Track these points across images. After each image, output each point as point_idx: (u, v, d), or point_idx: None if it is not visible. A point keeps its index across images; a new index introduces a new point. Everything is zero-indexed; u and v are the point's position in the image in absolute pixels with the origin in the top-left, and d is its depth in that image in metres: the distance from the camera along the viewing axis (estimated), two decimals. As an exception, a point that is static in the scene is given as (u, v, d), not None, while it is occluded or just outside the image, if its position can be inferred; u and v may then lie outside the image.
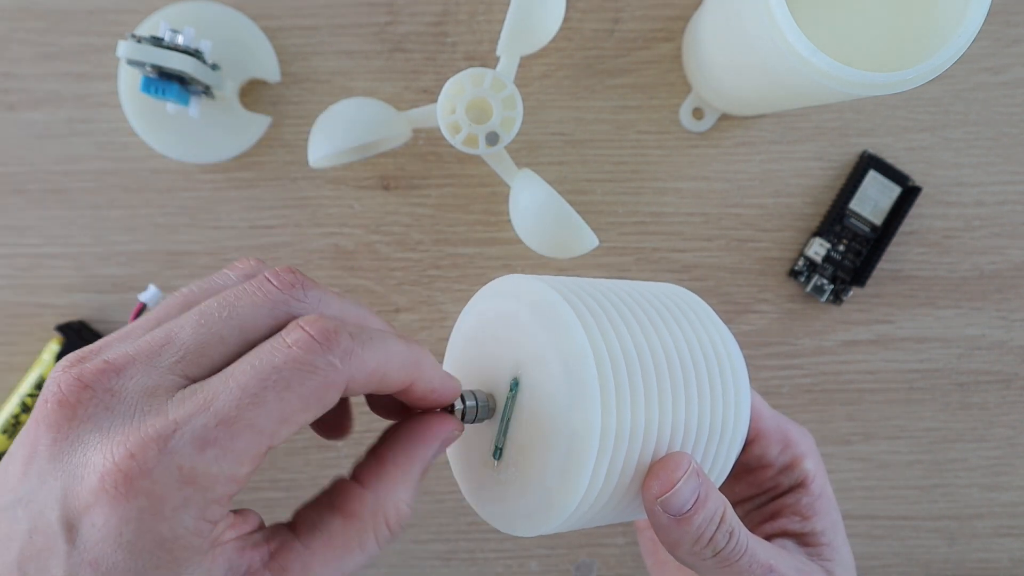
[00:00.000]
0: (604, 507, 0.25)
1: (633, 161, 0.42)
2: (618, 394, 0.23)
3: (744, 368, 0.27)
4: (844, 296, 0.42)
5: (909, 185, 0.42)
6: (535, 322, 0.24)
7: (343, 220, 0.42)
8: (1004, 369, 0.44)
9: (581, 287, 0.26)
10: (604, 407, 0.23)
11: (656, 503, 0.24)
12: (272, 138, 0.41)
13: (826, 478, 0.33)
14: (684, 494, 0.24)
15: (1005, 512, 0.45)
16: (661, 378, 0.24)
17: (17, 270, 0.41)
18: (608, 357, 0.23)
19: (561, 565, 0.44)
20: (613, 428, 0.23)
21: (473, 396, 0.25)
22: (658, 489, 0.24)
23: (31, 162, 0.41)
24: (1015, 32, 0.42)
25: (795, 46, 0.28)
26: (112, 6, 0.40)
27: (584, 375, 0.23)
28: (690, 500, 0.24)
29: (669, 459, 0.24)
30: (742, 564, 0.26)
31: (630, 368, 0.24)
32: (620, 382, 0.23)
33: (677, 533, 0.25)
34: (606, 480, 0.23)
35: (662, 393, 0.24)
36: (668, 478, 0.24)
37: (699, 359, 0.26)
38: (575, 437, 0.23)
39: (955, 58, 0.28)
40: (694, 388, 0.25)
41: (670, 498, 0.24)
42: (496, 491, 0.26)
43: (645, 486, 0.24)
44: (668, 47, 0.42)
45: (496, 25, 0.41)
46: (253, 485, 0.43)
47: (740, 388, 0.27)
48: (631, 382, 0.23)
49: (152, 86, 0.37)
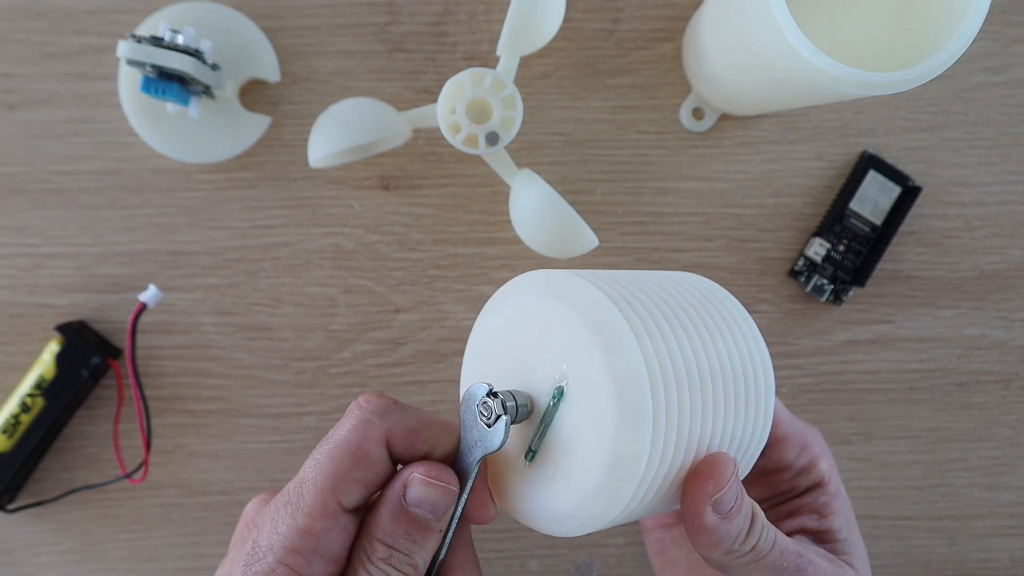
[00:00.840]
0: (636, 511, 0.25)
1: (633, 161, 0.42)
2: (667, 415, 0.23)
3: (773, 377, 0.27)
4: (844, 296, 0.42)
5: (909, 185, 0.42)
6: (588, 335, 0.23)
7: (343, 220, 0.42)
8: (1004, 369, 0.44)
9: (627, 288, 0.25)
10: (654, 436, 0.22)
11: (707, 503, 0.24)
12: (272, 138, 0.41)
13: (839, 476, 0.34)
14: (733, 492, 0.24)
15: (1005, 512, 0.45)
16: (705, 392, 0.24)
17: (17, 270, 0.41)
18: (660, 378, 0.23)
19: (561, 565, 0.44)
20: (659, 452, 0.23)
21: (512, 397, 0.24)
22: (712, 488, 0.24)
23: (31, 162, 0.41)
24: (1015, 32, 0.42)
25: (795, 46, 0.28)
26: (112, 6, 0.40)
27: (639, 405, 0.22)
28: (734, 499, 0.25)
29: (717, 460, 0.25)
30: (773, 555, 0.27)
31: (679, 385, 0.23)
32: (670, 402, 0.23)
33: (722, 531, 0.25)
34: (646, 491, 0.23)
35: (705, 407, 0.24)
36: (720, 478, 0.24)
37: (738, 372, 0.25)
38: (621, 462, 0.22)
39: (955, 58, 0.28)
40: (732, 400, 0.25)
41: (722, 497, 0.24)
42: (522, 488, 0.25)
43: (697, 487, 0.24)
44: (668, 47, 0.42)
45: (496, 25, 0.41)
46: (253, 485, 0.43)
47: (769, 396, 0.27)
48: (679, 400, 0.23)
49: (152, 86, 0.37)
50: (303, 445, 0.43)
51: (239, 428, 0.43)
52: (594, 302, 0.23)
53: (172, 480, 0.43)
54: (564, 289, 0.24)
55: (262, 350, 0.42)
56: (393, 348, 0.43)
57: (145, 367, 0.42)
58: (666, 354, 0.23)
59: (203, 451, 0.43)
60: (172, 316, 0.42)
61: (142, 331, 0.41)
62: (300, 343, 0.42)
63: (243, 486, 0.43)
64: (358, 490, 0.24)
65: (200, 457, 0.43)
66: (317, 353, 0.42)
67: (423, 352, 0.43)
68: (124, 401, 0.41)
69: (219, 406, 0.42)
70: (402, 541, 0.24)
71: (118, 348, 0.41)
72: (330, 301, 0.42)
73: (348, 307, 0.42)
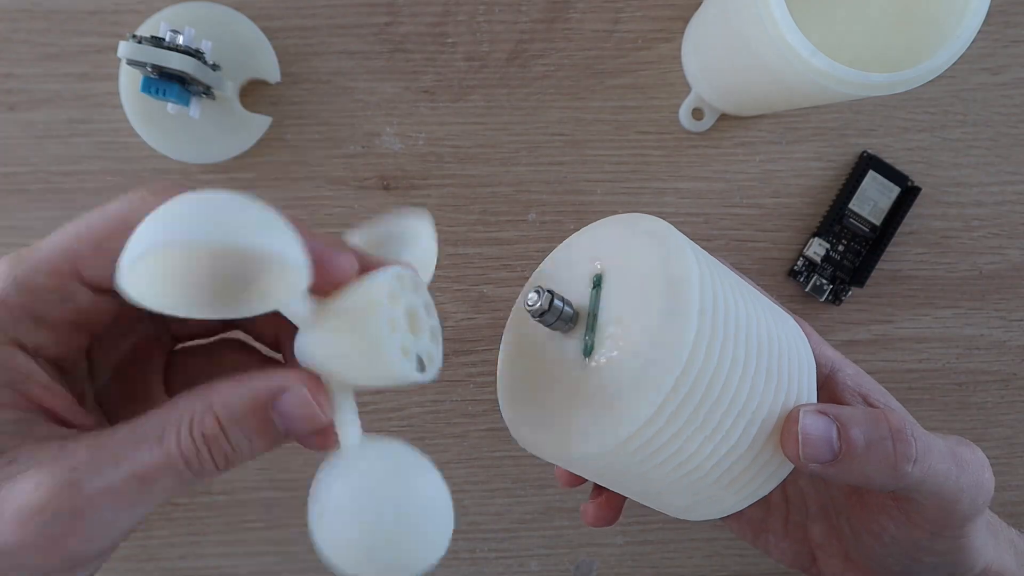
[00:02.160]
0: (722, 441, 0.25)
1: (633, 161, 0.42)
2: (712, 327, 0.24)
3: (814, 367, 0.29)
4: (843, 296, 0.42)
5: (908, 185, 0.42)
6: (639, 238, 0.25)
7: (343, 220, 0.42)
8: (1003, 369, 0.44)
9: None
10: (699, 331, 0.23)
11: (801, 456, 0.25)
12: (272, 138, 0.41)
13: (852, 362, 0.34)
14: (818, 437, 0.25)
15: (1005, 512, 0.45)
16: (749, 334, 0.25)
17: (17, 270, 0.41)
18: (712, 294, 0.24)
19: (561, 565, 0.44)
20: (710, 290, 0.23)
21: (561, 298, 0.25)
22: (790, 440, 0.25)
23: (31, 162, 0.41)
24: (1015, 32, 0.42)
25: (795, 47, 0.28)
26: (113, 6, 0.40)
27: (689, 294, 0.23)
28: (830, 440, 0.25)
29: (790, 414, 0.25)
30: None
31: (726, 314, 0.24)
32: (716, 320, 0.24)
33: (859, 463, 0.25)
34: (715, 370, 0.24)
35: (748, 346, 0.25)
36: (791, 432, 0.25)
37: (783, 343, 0.27)
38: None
39: (955, 58, 0.28)
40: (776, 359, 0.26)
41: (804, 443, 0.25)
42: (588, 393, 0.25)
43: (787, 445, 0.25)
44: (668, 47, 0.42)
45: (496, 25, 0.41)
46: (253, 485, 0.43)
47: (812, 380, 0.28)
48: (725, 327, 0.24)
49: (152, 86, 0.37)
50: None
51: (239, 428, 0.43)
52: (659, 226, 0.26)
53: (172, 480, 0.43)
54: (632, 219, 0.27)
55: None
56: (393, 348, 0.43)
57: (145, 367, 0.42)
58: (721, 293, 0.24)
59: (203, 451, 0.43)
60: (172, 316, 0.42)
61: (142, 331, 0.41)
62: (300, 343, 0.42)
63: (243, 486, 0.43)
64: (108, 265, 0.20)
65: (200, 457, 0.43)
66: (317, 353, 0.42)
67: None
68: (124, 401, 0.41)
69: (219, 406, 0.42)
70: (238, 435, 0.20)
71: (118, 348, 0.41)
72: (330, 301, 0.42)
73: (348, 307, 0.42)
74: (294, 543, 0.43)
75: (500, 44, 0.41)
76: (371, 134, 0.42)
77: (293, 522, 0.43)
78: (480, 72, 0.42)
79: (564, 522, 0.44)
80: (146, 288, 0.17)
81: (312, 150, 0.42)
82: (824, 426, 0.25)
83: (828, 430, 0.25)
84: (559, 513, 0.44)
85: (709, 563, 0.44)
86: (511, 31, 0.41)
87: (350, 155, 0.42)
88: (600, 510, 0.32)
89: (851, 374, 0.32)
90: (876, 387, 0.32)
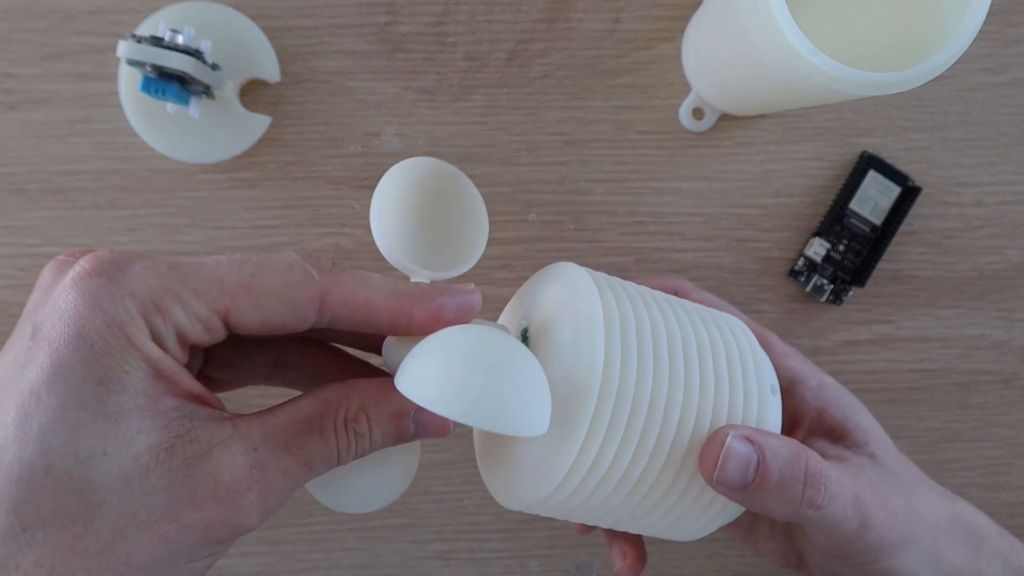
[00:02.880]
0: (645, 485, 0.25)
1: (633, 161, 0.42)
2: (624, 350, 0.23)
3: (767, 361, 0.28)
4: (844, 296, 0.42)
5: (909, 185, 0.42)
6: (553, 282, 0.26)
7: (343, 220, 0.42)
8: (1004, 369, 0.44)
9: (618, 284, 0.27)
10: (608, 358, 0.23)
11: (713, 481, 0.25)
12: (272, 138, 0.41)
13: (821, 371, 0.33)
14: (736, 463, 0.25)
15: (1005, 512, 0.45)
16: (673, 346, 0.25)
17: (17, 270, 0.41)
18: (619, 319, 0.24)
19: (561, 565, 0.44)
20: (615, 378, 0.23)
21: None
22: (707, 465, 0.25)
23: (31, 162, 0.41)
24: (1015, 32, 0.42)
25: (795, 46, 0.28)
26: (112, 6, 0.40)
27: (592, 325, 0.23)
28: (747, 468, 0.25)
29: (711, 436, 0.25)
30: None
31: (640, 335, 0.24)
32: (627, 343, 0.24)
33: (759, 499, 0.26)
34: (624, 441, 0.23)
35: (674, 365, 0.25)
36: (711, 452, 0.25)
37: (718, 347, 0.26)
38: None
39: (955, 58, 0.28)
40: (709, 368, 0.26)
41: (721, 471, 0.25)
42: (508, 453, 0.26)
43: (704, 463, 0.25)
44: (668, 47, 0.42)
45: (496, 25, 0.41)
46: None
47: (761, 376, 0.27)
48: (640, 348, 0.24)
49: (152, 86, 0.37)
50: (303, 445, 0.43)
51: (239, 428, 0.43)
52: (573, 271, 0.26)
53: (172, 480, 0.43)
54: (549, 271, 0.27)
55: (262, 350, 0.42)
56: (393, 348, 0.43)
57: (145, 367, 0.42)
58: (628, 308, 0.25)
59: (203, 451, 0.43)
60: (172, 316, 0.42)
61: (142, 331, 0.41)
62: (300, 343, 0.42)
63: (243, 486, 0.43)
64: (258, 316, 0.22)
65: (200, 457, 0.43)
66: (317, 353, 0.42)
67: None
68: (124, 401, 0.41)
69: (219, 406, 0.42)
70: (379, 435, 0.23)
71: (118, 348, 0.41)
72: (330, 301, 0.42)
73: (348, 307, 0.42)
74: (293, 543, 0.43)
75: (500, 44, 0.41)
76: (371, 134, 0.42)
77: (292, 522, 0.43)
78: (480, 72, 0.42)
79: (564, 522, 0.44)
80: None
81: (312, 150, 0.42)
82: (745, 453, 0.25)
83: (748, 459, 0.25)
84: (559, 513, 0.44)
85: (709, 563, 0.44)
86: (511, 31, 0.41)
87: (350, 155, 0.42)
88: (624, 559, 0.33)
89: (812, 387, 0.32)
90: (841, 401, 0.32)
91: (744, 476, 0.25)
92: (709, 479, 0.25)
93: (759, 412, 0.27)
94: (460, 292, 0.24)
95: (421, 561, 0.44)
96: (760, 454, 0.25)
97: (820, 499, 0.26)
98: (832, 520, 0.27)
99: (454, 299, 0.24)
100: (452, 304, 0.24)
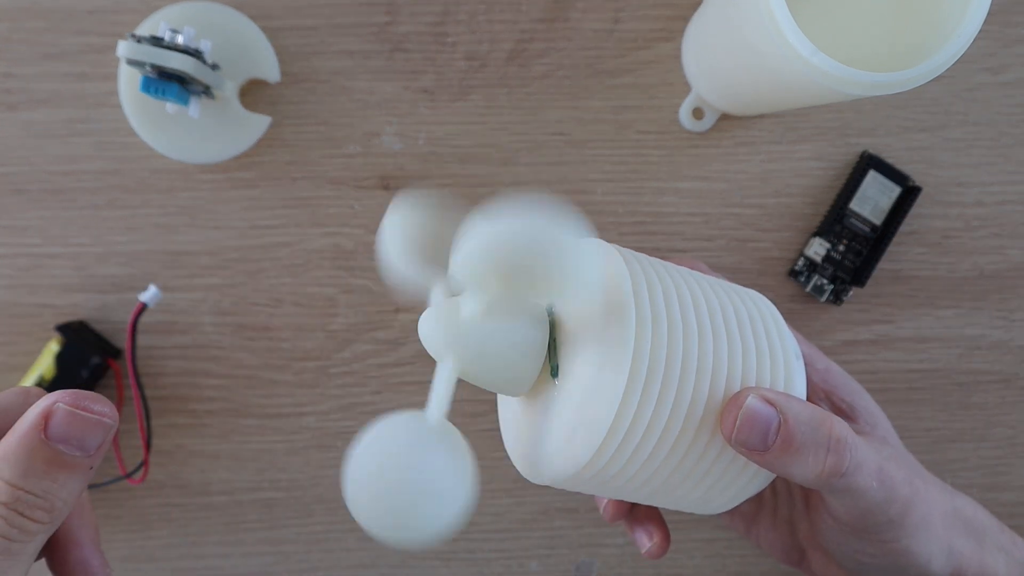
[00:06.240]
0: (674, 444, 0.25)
1: (633, 161, 0.42)
2: (654, 311, 0.24)
3: (791, 338, 0.28)
4: (844, 296, 0.42)
5: (909, 185, 0.42)
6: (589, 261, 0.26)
7: (343, 220, 0.42)
8: (1004, 369, 0.44)
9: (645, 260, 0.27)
10: (640, 318, 0.23)
11: (733, 440, 0.25)
12: (272, 138, 0.41)
13: (827, 357, 0.33)
14: (756, 423, 0.24)
15: (1005, 512, 0.45)
16: (700, 312, 0.25)
17: (17, 270, 0.41)
18: (646, 283, 0.24)
19: (561, 565, 0.44)
20: (648, 338, 0.23)
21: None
22: (728, 425, 0.24)
23: (31, 162, 0.41)
24: (1015, 32, 0.42)
25: (796, 46, 0.28)
26: (112, 6, 0.40)
27: (623, 285, 0.24)
28: (767, 429, 0.25)
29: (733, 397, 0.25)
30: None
31: (667, 299, 0.24)
32: (656, 305, 0.24)
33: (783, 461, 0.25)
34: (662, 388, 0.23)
35: (702, 328, 0.25)
36: (730, 412, 0.24)
37: (743, 317, 0.27)
38: (609, 348, 0.24)
39: (955, 58, 0.28)
40: (736, 335, 0.26)
41: (739, 431, 0.24)
42: (559, 411, 0.26)
43: (724, 422, 0.25)
44: (668, 47, 0.42)
45: (496, 25, 0.41)
46: (253, 485, 0.43)
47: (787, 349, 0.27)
48: (669, 310, 0.24)
49: (152, 86, 0.37)
50: (303, 445, 0.43)
51: (239, 428, 0.43)
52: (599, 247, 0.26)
53: (172, 480, 0.43)
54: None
55: (262, 350, 0.42)
56: (393, 348, 0.43)
57: (145, 367, 0.42)
58: (655, 276, 0.25)
59: (203, 451, 0.43)
60: (172, 316, 0.42)
61: (142, 331, 0.41)
62: (300, 343, 0.42)
63: (243, 486, 0.43)
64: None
65: (200, 457, 0.43)
66: (317, 353, 0.42)
67: (423, 352, 0.43)
68: (124, 401, 0.41)
69: (219, 406, 0.42)
70: (37, 482, 0.20)
71: (118, 348, 0.41)
72: (330, 301, 0.42)
73: (348, 307, 0.42)
74: (293, 543, 0.43)
75: (500, 44, 0.41)
76: (371, 134, 0.41)
77: (292, 522, 0.43)
78: (480, 72, 0.42)
79: (564, 522, 0.44)
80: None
81: (312, 150, 0.42)
82: (766, 415, 0.24)
83: (768, 420, 0.25)
84: (559, 513, 0.44)
85: (710, 563, 0.44)
86: (511, 31, 0.41)
87: (350, 155, 0.42)
88: (652, 539, 0.33)
89: (820, 369, 0.32)
90: (847, 385, 0.32)
91: (764, 437, 0.25)
92: (728, 438, 0.25)
93: (786, 377, 0.27)
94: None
95: (421, 561, 0.44)
96: (782, 416, 0.25)
97: (845, 466, 0.25)
98: (857, 490, 0.26)
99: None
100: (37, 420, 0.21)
